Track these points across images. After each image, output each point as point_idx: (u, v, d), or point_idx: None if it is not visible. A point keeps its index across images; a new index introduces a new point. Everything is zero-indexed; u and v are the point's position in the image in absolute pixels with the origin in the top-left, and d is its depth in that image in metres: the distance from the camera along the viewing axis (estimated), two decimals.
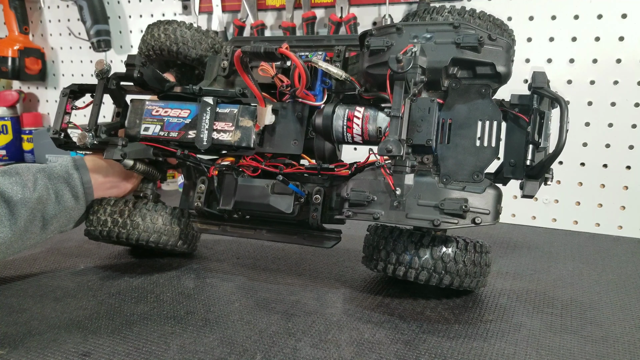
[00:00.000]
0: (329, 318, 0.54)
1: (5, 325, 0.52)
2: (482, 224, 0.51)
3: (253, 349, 0.47)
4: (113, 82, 0.65)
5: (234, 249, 0.77)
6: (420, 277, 0.55)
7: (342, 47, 0.64)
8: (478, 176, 0.54)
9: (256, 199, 0.62)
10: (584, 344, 0.50)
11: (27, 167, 0.62)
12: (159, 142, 0.65)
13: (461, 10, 0.59)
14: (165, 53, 0.71)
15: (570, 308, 0.58)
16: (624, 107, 0.87)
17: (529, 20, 0.92)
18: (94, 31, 1.29)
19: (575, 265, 0.73)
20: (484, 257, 0.57)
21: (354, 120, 0.58)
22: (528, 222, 0.97)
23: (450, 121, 0.55)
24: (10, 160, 1.44)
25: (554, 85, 0.54)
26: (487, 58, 0.53)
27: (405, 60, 0.50)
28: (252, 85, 0.59)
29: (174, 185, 1.22)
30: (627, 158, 0.88)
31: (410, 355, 0.47)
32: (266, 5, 1.12)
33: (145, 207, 0.66)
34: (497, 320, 0.54)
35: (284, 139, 0.63)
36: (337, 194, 0.62)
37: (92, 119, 0.64)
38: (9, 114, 1.45)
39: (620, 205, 0.90)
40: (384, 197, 0.53)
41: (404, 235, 0.56)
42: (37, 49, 1.42)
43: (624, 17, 0.86)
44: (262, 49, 0.56)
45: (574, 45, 0.90)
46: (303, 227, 0.63)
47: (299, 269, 0.69)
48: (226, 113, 0.62)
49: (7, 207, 0.58)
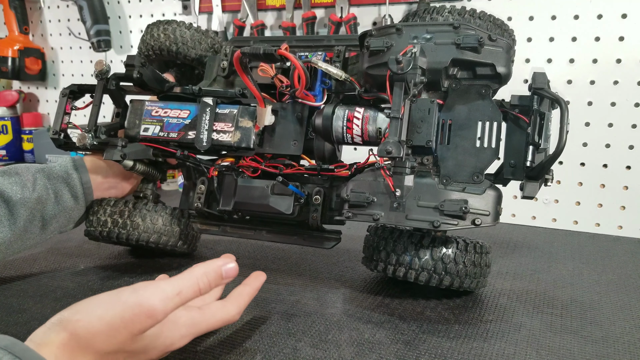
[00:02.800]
0: (329, 318, 0.54)
1: (5, 325, 0.52)
2: (482, 225, 0.51)
3: (253, 349, 0.47)
4: (112, 83, 0.65)
5: (234, 249, 0.77)
6: (420, 278, 0.55)
7: (341, 47, 0.64)
8: (478, 177, 0.54)
9: (256, 200, 0.62)
10: (584, 344, 0.50)
11: (26, 167, 0.62)
12: (159, 142, 0.65)
13: (461, 10, 0.59)
14: (164, 53, 0.71)
15: (571, 308, 0.58)
16: (624, 107, 0.87)
17: (529, 20, 0.92)
18: (94, 31, 1.29)
19: (575, 265, 0.73)
20: (484, 258, 0.57)
21: (354, 120, 0.58)
22: (528, 222, 0.97)
23: (450, 122, 0.55)
24: (10, 160, 1.44)
25: (554, 85, 0.54)
26: (487, 59, 0.53)
27: (405, 61, 0.50)
28: (251, 86, 0.59)
29: (174, 185, 1.22)
30: (627, 158, 0.88)
31: (410, 355, 0.47)
32: (266, 5, 1.12)
33: (145, 207, 0.66)
34: (497, 320, 0.54)
35: (283, 139, 0.63)
36: (337, 195, 0.62)
37: (92, 120, 0.64)
38: (9, 114, 1.45)
39: (620, 205, 0.90)
40: (384, 199, 0.53)
41: (404, 236, 0.56)
42: (37, 49, 1.42)
43: (624, 17, 0.85)
44: (261, 50, 0.56)
45: (574, 45, 0.90)
46: (303, 227, 0.63)
47: (299, 269, 0.69)
48: (226, 114, 0.62)
49: (7, 207, 0.58)
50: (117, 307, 0.37)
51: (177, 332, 0.41)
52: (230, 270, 0.44)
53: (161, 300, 0.38)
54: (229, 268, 0.44)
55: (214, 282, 0.42)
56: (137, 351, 0.39)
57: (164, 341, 0.40)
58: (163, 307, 0.38)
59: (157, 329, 0.39)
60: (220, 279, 0.43)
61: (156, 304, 0.37)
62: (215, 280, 0.42)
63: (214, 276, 0.42)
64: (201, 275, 0.41)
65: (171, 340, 0.41)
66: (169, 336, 0.41)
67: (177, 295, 0.39)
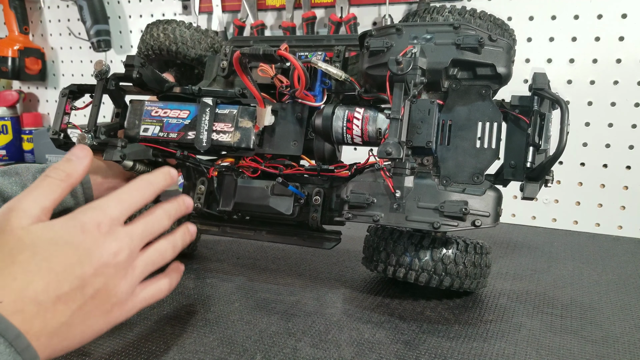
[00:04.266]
0: (329, 318, 0.54)
1: None
2: (482, 226, 0.51)
3: (253, 349, 0.47)
4: (112, 83, 0.65)
5: (234, 249, 0.77)
6: (420, 278, 0.55)
7: (341, 47, 0.64)
8: (478, 178, 0.54)
9: (256, 201, 0.62)
10: (584, 344, 0.50)
11: (26, 168, 0.62)
12: (159, 143, 0.64)
13: (461, 10, 0.59)
14: (164, 53, 0.71)
15: (571, 308, 0.58)
16: (624, 107, 0.87)
17: (529, 20, 0.92)
18: (94, 31, 1.29)
19: (575, 265, 0.73)
20: (484, 259, 0.57)
21: (354, 121, 0.58)
22: (528, 222, 0.97)
23: (450, 122, 0.55)
24: (10, 160, 1.44)
25: (554, 85, 0.54)
26: (487, 59, 0.53)
27: (405, 62, 0.50)
28: (251, 86, 0.59)
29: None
30: (627, 158, 0.88)
31: (410, 355, 0.47)
32: (266, 5, 1.12)
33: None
34: (497, 320, 0.54)
35: (283, 139, 0.63)
36: (337, 195, 0.62)
37: (91, 120, 0.64)
38: (9, 114, 1.45)
39: (620, 205, 0.90)
40: (384, 200, 0.53)
41: (404, 237, 0.56)
42: (37, 49, 1.42)
43: (624, 17, 0.85)
44: (261, 51, 0.55)
45: (574, 45, 0.90)
46: (303, 228, 0.63)
47: (299, 269, 0.69)
48: (225, 114, 0.62)
49: None
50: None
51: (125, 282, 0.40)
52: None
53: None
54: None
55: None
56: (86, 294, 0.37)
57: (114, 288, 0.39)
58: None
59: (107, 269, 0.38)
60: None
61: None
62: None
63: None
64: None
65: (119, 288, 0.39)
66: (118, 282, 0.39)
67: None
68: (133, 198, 0.42)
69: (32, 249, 0.36)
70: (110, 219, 0.40)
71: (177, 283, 0.48)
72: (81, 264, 0.37)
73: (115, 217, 0.40)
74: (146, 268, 0.42)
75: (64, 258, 0.36)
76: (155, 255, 0.43)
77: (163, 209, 0.45)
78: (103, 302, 0.38)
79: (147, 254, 0.42)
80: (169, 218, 0.45)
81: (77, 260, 0.37)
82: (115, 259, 0.39)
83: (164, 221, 0.45)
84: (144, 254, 0.42)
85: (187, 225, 0.49)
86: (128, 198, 0.42)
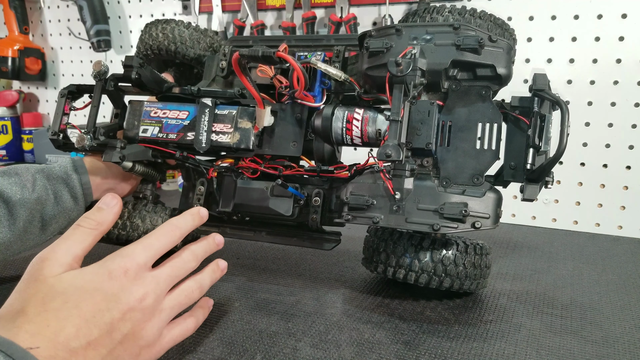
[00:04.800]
0: (329, 318, 0.54)
1: None
2: (482, 228, 0.51)
3: (253, 349, 0.48)
4: (111, 84, 0.65)
5: (234, 249, 0.77)
6: (420, 280, 0.55)
7: (341, 47, 0.63)
8: (478, 179, 0.54)
9: (255, 202, 0.62)
10: (584, 344, 0.50)
11: (26, 168, 0.62)
12: (158, 143, 0.64)
13: (461, 10, 0.59)
14: (163, 52, 0.71)
15: (571, 308, 0.58)
16: (624, 107, 0.87)
17: (529, 20, 0.92)
18: (94, 31, 1.29)
19: (575, 266, 0.73)
20: (484, 259, 0.57)
21: (353, 122, 0.58)
22: (528, 222, 0.97)
23: (450, 123, 0.55)
24: (10, 160, 1.44)
25: (554, 85, 0.53)
26: (487, 60, 0.53)
27: (404, 64, 0.50)
28: (250, 87, 0.59)
29: (173, 185, 1.22)
30: (627, 158, 0.88)
31: (410, 355, 0.47)
32: (266, 5, 1.12)
33: (145, 208, 0.66)
34: (497, 320, 0.54)
35: (283, 140, 0.62)
36: (337, 196, 0.62)
37: (90, 121, 0.64)
38: (9, 114, 1.45)
39: (620, 205, 0.90)
40: (384, 201, 0.53)
41: (404, 238, 0.56)
42: (37, 49, 1.42)
43: (624, 17, 0.85)
44: (260, 53, 0.55)
45: (574, 45, 0.90)
46: (303, 229, 0.63)
47: (298, 269, 0.69)
48: (225, 114, 0.62)
49: (6, 208, 0.58)
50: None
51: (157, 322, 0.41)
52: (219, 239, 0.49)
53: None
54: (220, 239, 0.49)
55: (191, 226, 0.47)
56: (116, 341, 0.38)
57: (145, 331, 0.40)
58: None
59: (137, 314, 0.39)
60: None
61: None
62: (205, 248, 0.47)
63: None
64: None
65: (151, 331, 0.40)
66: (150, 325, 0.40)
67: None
68: (160, 242, 0.44)
69: (63, 296, 0.37)
70: (137, 265, 0.41)
71: (204, 319, 0.48)
72: (109, 310, 0.38)
73: (142, 263, 0.41)
74: (173, 310, 0.43)
75: (93, 304, 0.37)
76: (182, 296, 0.44)
77: (190, 251, 0.46)
78: (132, 346, 0.39)
79: (174, 295, 0.43)
80: (196, 259, 0.46)
81: (106, 307, 0.38)
82: (142, 304, 0.40)
83: (190, 263, 0.45)
84: (170, 296, 0.43)
85: (218, 262, 0.49)
86: (155, 243, 0.43)
